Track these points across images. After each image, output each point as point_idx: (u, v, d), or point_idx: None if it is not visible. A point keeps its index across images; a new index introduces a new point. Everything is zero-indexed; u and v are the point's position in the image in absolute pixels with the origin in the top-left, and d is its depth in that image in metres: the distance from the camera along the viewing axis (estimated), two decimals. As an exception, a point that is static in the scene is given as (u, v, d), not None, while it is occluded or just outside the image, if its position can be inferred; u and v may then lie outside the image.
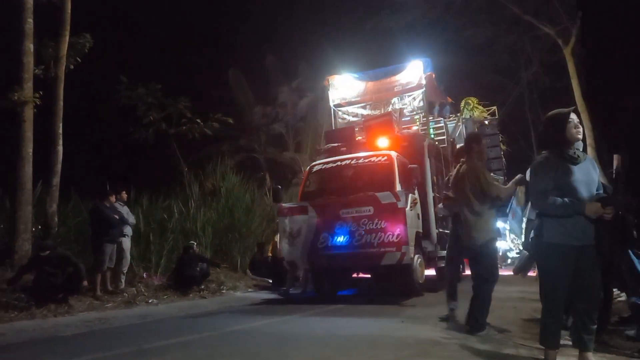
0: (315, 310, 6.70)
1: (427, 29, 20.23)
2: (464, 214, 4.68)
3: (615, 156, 3.61)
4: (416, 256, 7.80)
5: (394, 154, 8.22)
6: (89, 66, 11.25)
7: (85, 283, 7.48)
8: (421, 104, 11.75)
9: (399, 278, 7.89)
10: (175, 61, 18.92)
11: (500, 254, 14.59)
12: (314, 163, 9.20)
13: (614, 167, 3.59)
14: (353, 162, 8.50)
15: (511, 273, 5.23)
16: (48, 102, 9.40)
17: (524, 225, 5.10)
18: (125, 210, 8.74)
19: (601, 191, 3.35)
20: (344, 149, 9.47)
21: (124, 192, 9.10)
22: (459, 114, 13.38)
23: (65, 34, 9.87)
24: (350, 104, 12.33)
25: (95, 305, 7.33)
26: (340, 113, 12.56)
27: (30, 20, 8.85)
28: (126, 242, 8.59)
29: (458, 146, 11.63)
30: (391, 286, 8.52)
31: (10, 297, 6.97)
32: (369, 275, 10.30)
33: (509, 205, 5.39)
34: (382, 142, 8.97)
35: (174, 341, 4.74)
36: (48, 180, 9.30)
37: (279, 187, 8.93)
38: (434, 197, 8.78)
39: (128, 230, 8.65)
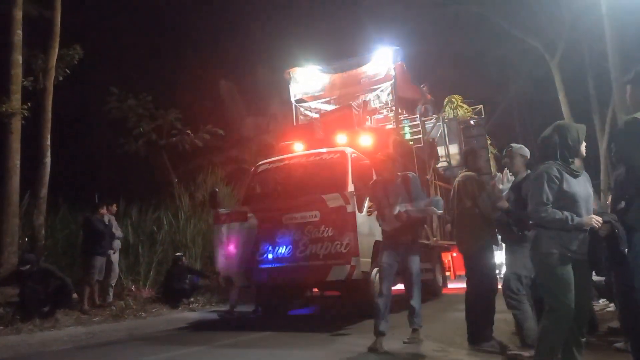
0: (236, 339, 5.70)
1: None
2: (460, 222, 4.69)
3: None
4: (375, 270, 6.52)
5: (348, 150, 7.15)
6: (79, 77, 11.21)
7: (75, 296, 7.41)
8: (390, 97, 10.55)
9: (356, 295, 6.85)
10: (165, 72, 18.91)
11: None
12: (260, 162, 8.18)
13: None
14: (302, 160, 7.49)
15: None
16: (37, 113, 9.34)
17: None
18: (114, 223, 8.69)
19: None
20: (301, 147, 8.37)
21: (114, 204, 9.05)
22: (440, 114, 12.30)
23: (55, 46, 9.83)
24: (313, 98, 11.10)
25: (82, 320, 7.22)
26: (302, 109, 11.29)
27: (19, 32, 8.82)
28: (114, 255, 8.53)
29: (440, 148, 11.18)
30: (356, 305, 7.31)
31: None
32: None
33: None
34: (340, 138, 7.93)
35: None
36: (35, 192, 9.20)
37: (216, 190, 7.98)
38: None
39: (117, 243, 8.60)
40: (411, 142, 9.80)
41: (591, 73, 20.03)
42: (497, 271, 6.23)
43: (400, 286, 8.80)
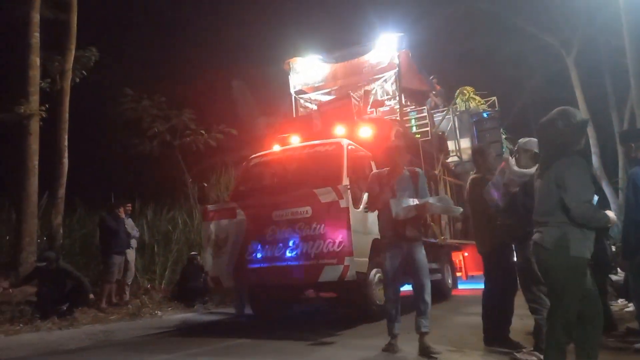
0: (210, 347, 5.27)
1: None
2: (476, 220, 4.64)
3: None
4: (374, 271, 6.31)
5: (345, 142, 6.70)
6: (95, 79, 11.35)
7: (91, 296, 7.53)
8: (394, 87, 9.91)
9: (352, 298, 6.37)
10: (179, 73, 19.06)
11: None
12: (252, 156, 7.76)
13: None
14: (296, 153, 7.09)
15: None
16: (54, 114, 9.49)
17: None
18: (130, 223, 8.79)
19: None
20: (298, 140, 7.91)
21: (129, 204, 9.16)
22: (450, 105, 11.58)
23: (71, 48, 9.98)
24: (314, 89, 10.55)
25: (99, 318, 7.32)
26: (302, 101, 10.79)
27: (37, 35, 8.96)
28: (131, 254, 8.65)
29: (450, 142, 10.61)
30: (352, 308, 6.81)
31: (15, 310, 6.99)
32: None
33: None
34: (339, 130, 7.47)
35: None
36: (53, 193, 9.35)
37: (204, 184, 7.51)
38: None
39: (133, 242, 8.71)
40: (418, 136, 9.34)
41: (608, 69, 19.71)
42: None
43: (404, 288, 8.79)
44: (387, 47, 9.58)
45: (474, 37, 21.13)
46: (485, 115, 11.87)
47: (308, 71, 10.54)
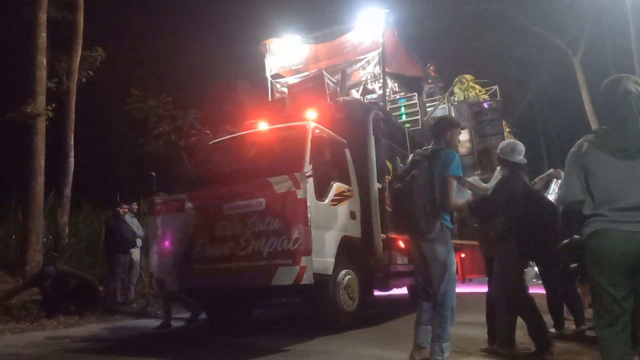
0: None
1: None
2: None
3: None
4: (343, 272, 5.55)
5: (311, 125, 5.85)
6: (101, 78, 11.42)
7: (100, 289, 7.58)
8: (377, 69, 8.92)
9: (315, 304, 5.56)
10: (185, 73, 19.12)
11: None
12: (211, 142, 7.10)
13: None
14: (256, 138, 6.33)
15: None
16: (60, 114, 9.55)
17: None
18: (135, 222, 8.84)
19: None
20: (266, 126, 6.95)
21: (135, 203, 9.21)
22: (446, 94, 10.71)
23: (78, 48, 10.06)
24: (292, 73, 9.70)
25: (104, 317, 7.36)
26: (278, 86, 9.84)
27: (44, 35, 9.02)
28: (136, 253, 8.70)
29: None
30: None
31: (21, 308, 7.04)
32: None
33: None
34: (310, 113, 6.63)
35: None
36: (59, 192, 9.42)
37: (153, 174, 6.74)
38: (381, 191, 6.42)
39: (138, 241, 8.76)
40: (408, 125, 8.72)
41: (615, 70, 19.60)
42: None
43: (395, 290, 7.80)
44: (369, 24, 8.76)
45: (480, 37, 21.09)
46: (485, 105, 11.17)
47: (286, 53, 9.71)
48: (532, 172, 4.87)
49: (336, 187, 5.75)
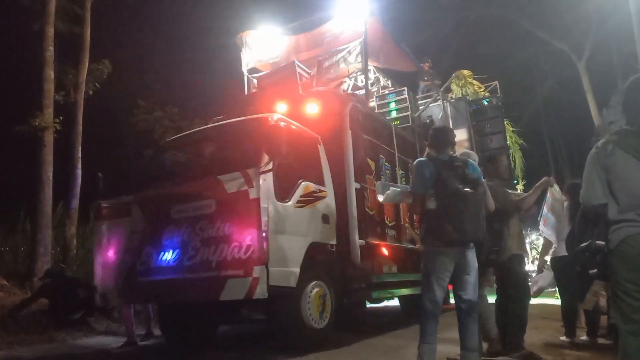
0: None
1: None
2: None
3: None
4: (311, 284, 4.86)
5: (274, 117, 5.16)
6: (108, 90, 11.53)
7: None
8: (359, 60, 8.19)
9: (277, 320, 4.84)
10: (190, 84, 19.26)
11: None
12: (168, 139, 6.68)
13: None
14: (214, 133, 5.69)
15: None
16: (68, 126, 9.64)
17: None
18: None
19: None
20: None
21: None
22: (441, 90, 9.97)
23: (85, 61, 10.18)
24: (270, 67, 8.98)
25: (112, 327, 7.35)
26: (255, 81, 8.95)
27: (51, 49, 9.12)
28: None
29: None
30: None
31: (30, 319, 7.04)
32: None
33: (540, 213, 5.29)
34: (280, 107, 6.10)
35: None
36: (67, 203, 9.47)
37: (99, 174, 5.98)
38: (360, 192, 5.79)
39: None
40: (397, 122, 8.20)
41: (620, 74, 19.54)
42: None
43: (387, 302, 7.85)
44: (351, 13, 8.23)
45: (484, 42, 21.12)
46: (485, 102, 10.56)
47: (263, 46, 9.05)
48: (539, 177, 4.83)
49: (304, 186, 5.03)
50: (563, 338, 5.27)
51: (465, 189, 3.40)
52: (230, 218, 4.40)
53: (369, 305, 7.80)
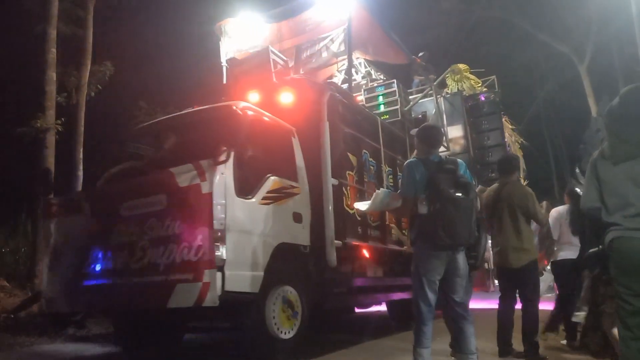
0: None
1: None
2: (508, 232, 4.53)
3: None
4: (278, 289, 4.42)
5: (240, 105, 4.75)
6: (110, 92, 11.55)
7: None
8: (342, 48, 7.79)
9: (241, 328, 4.37)
10: (191, 85, 19.27)
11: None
12: (132, 130, 6.42)
13: None
14: (175, 122, 5.30)
15: None
16: (69, 128, 9.66)
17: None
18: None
19: None
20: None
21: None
22: (434, 84, 9.35)
23: (87, 63, 10.21)
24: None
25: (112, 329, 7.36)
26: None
27: (53, 50, 9.14)
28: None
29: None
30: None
31: (30, 321, 7.06)
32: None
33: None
34: (252, 96, 5.66)
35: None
36: (69, 205, 9.48)
37: (49, 168, 5.23)
38: (338, 188, 5.32)
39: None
40: (386, 116, 7.84)
41: (622, 77, 19.55)
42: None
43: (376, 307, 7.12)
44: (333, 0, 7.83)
45: (485, 45, 21.13)
46: (482, 98, 10.13)
47: (244, 34, 8.56)
48: (540, 179, 4.88)
49: (272, 182, 4.57)
50: (563, 342, 5.27)
51: (457, 194, 3.39)
52: (181, 215, 3.92)
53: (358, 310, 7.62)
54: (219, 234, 3.80)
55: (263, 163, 4.54)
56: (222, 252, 3.79)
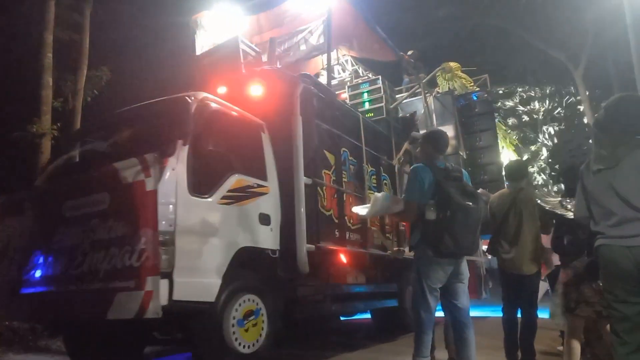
0: None
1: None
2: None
3: None
4: (240, 298, 4.04)
5: (198, 96, 4.29)
6: (106, 95, 11.52)
7: None
8: (321, 41, 7.47)
9: (195, 341, 3.95)
10: (187, 89, 19.22)
11: None
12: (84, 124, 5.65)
13: None
14: (128, 115, 4.84)
15: None
16: (66, 133, 9.62)
17: None
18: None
19: None
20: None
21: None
22: (424, 82, 8.99)
23: (84, 68, 10.19)
24: None
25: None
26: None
27: (50, 55, 9.13)
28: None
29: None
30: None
31: (25, 327, 6.98)
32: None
33: None
34: (220, 89, 5.28)
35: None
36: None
37: None
38: (312, 188, 4.92)
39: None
40: (371, 114, 7.47)
41: (617, 85, 19.69)
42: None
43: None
44: None
45: (481, 52, 21.24)
46: (474, 97, 9.71)
47: (220, 27, 8.18)
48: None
49: (235, 180, 4.18)
50: (560, 348, 5.26)
51: (467, 203, 3.34)
52: (124, 215, 3.50)
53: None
54: (167, 236, 3.42)
55: (226, 159, 4.15)
56: (169, 256, 3.41)
